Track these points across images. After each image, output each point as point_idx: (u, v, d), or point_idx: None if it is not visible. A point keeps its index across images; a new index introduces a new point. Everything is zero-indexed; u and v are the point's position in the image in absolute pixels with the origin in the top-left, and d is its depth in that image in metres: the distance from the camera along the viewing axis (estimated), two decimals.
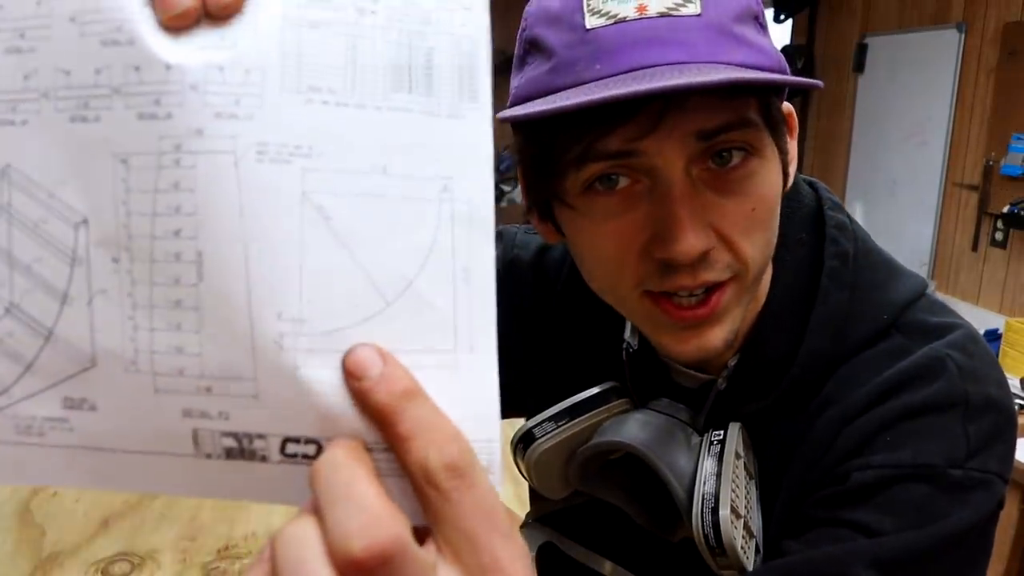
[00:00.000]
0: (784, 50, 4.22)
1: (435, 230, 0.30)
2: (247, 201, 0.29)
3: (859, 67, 3.75)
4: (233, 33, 0.29)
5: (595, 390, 0.61)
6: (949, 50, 3.19)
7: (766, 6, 4.44)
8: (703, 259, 0.48)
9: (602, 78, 0.46)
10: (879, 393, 0.53)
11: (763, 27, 0.51)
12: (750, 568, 0.53)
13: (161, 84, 0.29)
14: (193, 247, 0.29)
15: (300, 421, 0.30)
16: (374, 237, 0.30)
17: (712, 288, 0.50)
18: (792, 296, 0.57)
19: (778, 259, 0.56)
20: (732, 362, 0.57)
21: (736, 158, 0.49)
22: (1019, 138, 2.83)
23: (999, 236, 2.95)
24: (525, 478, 0.63)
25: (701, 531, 0.52)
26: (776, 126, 0.51)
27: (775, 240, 0.53)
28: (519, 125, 0.53)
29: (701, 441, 0.56)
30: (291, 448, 0.31)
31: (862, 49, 3.72)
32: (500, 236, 0.72)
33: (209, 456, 0.31)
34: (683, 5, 0.47)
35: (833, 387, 0.56)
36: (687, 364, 0.59)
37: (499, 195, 4.78)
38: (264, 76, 0.29)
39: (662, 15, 0.46)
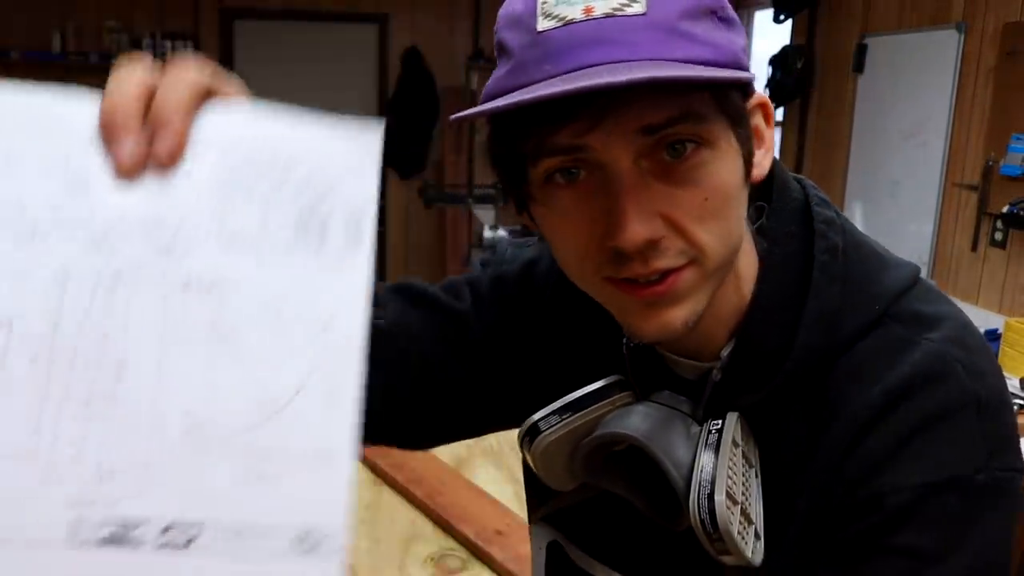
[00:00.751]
0: (784, 50, 4.23)
1: (314, 358, 0.38)
2: (170, 322, 0.37)
3: (859, 67, 3.75)
4: (174, 185, 0.37)
5: (598, 384, 0.62)
6: (949, 50, 3.19)
7: (766, 6, 4.44)
8: (653, 247, 0.51)
9: (549, 78, 0.49)
10: (890, 399, 0.54)
11: (724, 20, 0.52)
12: (748, 554, 0.54)
13: (109, 222, 0.37)
14: (114, 355, 0.36)
15: (187, 505, 0.37)
16: (267, 360, 0.38)
17: (668, 272, 0.52)
18: (783, 289, 0.58)
19: (767, 253, 0.59)
20: (726, 351, 0.59)
21: (688, 149, 0.50)
22: (1019, 138, 2.83)
23: (999, 236, 2.95)
24: (534, 470, 0.64)
25: (698, 517, 0.53)
26: (735, 117, 0.53)
27: (738, 229, 0.55)
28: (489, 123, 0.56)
29: (700, 431, 0.58)
30: (168, 535, 0.37)
31: (862, 49, 3.72)
32: (493, 252, 0.76)
33: (84, 543, 0.36)
34: (628, 5, 0.49)
35: (838, 383, 0.57)
36: (683, 354, 0.61)
37: (499, 195, 4.78)
38: (197, 224, 0.37)
39: (607, 16, 0.49)
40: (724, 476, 0.54)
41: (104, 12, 5.40)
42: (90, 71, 5.43)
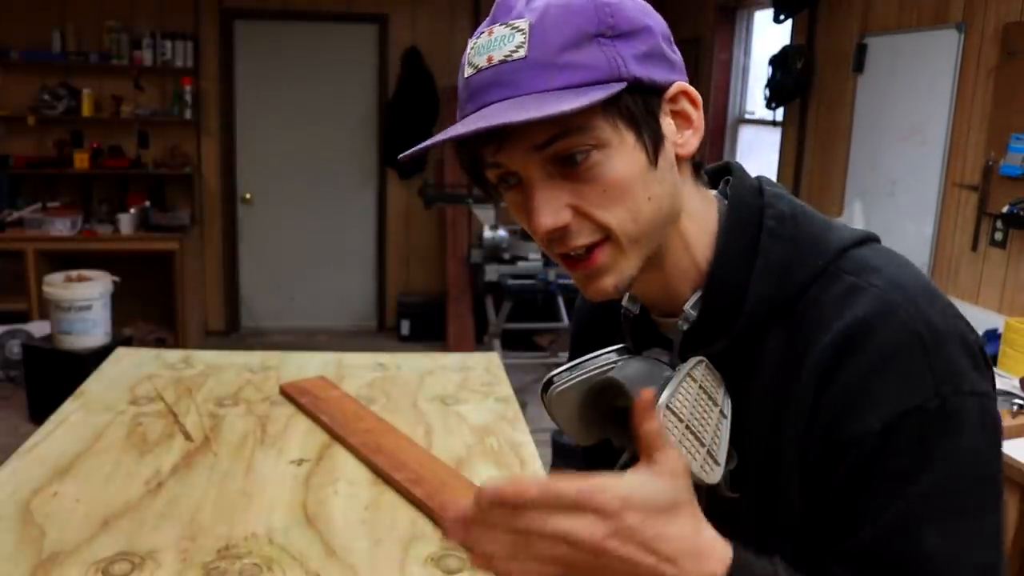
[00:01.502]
0: (784, 50, 4.22)
1: None
2: None
3: (859, 67, 3.75)
4: None
5: (606, 349, 0.78)
6: (949, 50, 3.18)
7: (766, 6, 4.43)
8: (566, 231, 0.66)
9: (467, 115, 0.66)
10: (844, 346, 0.64)
11: (612, 37, 0.65)
12: (696, 468, 0.65)
13: None
14: None
15: None
16: None
17: (591, 248, 0.67)
18: (737, 250, 0.71)
19: (725, 220, 0.72)
20: (688, 305, 0.72)
21: (580, 157, 0.64)
22: (1019, 138, 2.83)
23: (999, 236, 2.95)
24: (552, 419, 0.78)
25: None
26: (631, 117, 0.65)
27: (655, 203, 0.67)
28: None
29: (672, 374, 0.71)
30: None
31: (862, 49, 3.72)
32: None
33: None
34: (514, 52, 0.64)
35: (801, 327, 0.68)
36: (664, 315, 0.76)
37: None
38: None
39: (502, 62, 0.64)
40: (668, 394, 0.66)
41: (104, 12, 5.40)
42: (90, 71, 5.43)
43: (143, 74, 5.46)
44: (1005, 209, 2.85)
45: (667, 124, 0.68)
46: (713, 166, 0.80)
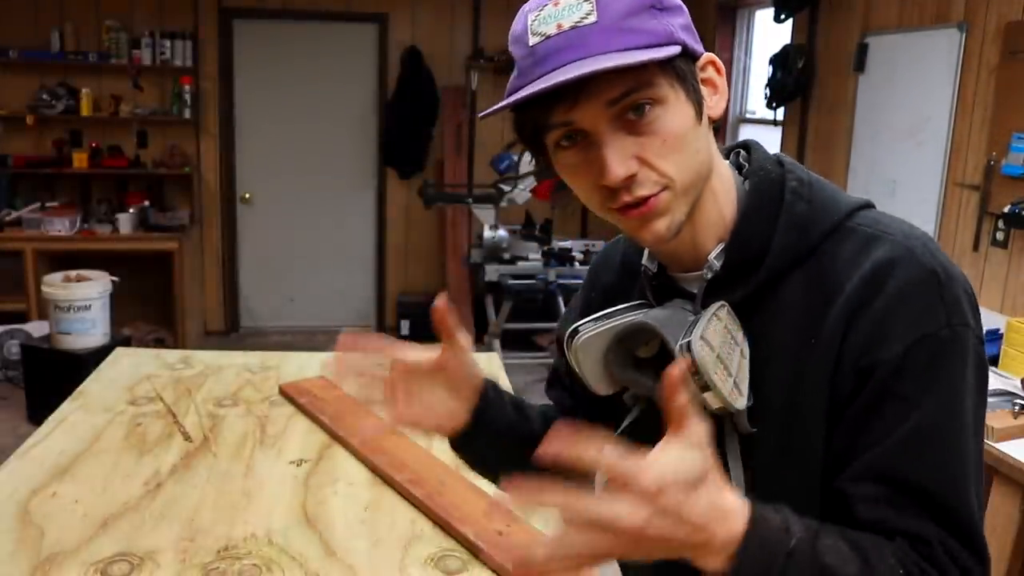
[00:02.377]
0: (784, 49, 4.22)
1: None
2: None
3: (859, 67, 3.74)
4: None
5: (626, 304, 0.85)
6: (950, 50, 3.18)
7: (766, 6, 4.43)
8: (633, 180, 0.73)
9: (540, 77, 0.72)
10: (869, 283, 0.73)
11: (661, 9, 0.73)
12: (725, 393, 0.72)
13: None
14: None
15: None
16: None
17: (648, 197, 0.74)
18: (762, 207, 0.79)
19: (750, 180, 0.81)
20: (712, 255, 0.79)
21: (645, 109, 0.72)
22: (1020, 137, 2.83)
23: (1000, 236, 2.95)
24: (574, 367, 0.84)
25: (681, 353, 0.72)
26: (680, 77, 0.73)
27: (698, 157, 0.75)
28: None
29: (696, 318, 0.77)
30: None
31: (862, 48, 3.71)
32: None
33: None
34: (585, 18, 0.71)
35: (826, 273, 0.76)
36: (687, 270, 0.83)
37: (499, 195, 4.77)
38: None
39: (573, 27, 0.71)
40: (700, 330, 0.73)
41: (103, 11, 5.39)
42: (89, 71, 5.42)
43: (142, 73, 5.45)
44: (1006, 209, 2.85)
45: (703, 84, 0.77)
46: (729, 145, 0.88)
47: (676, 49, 0.72)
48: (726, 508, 0.62)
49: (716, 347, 0.73)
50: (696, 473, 0.60)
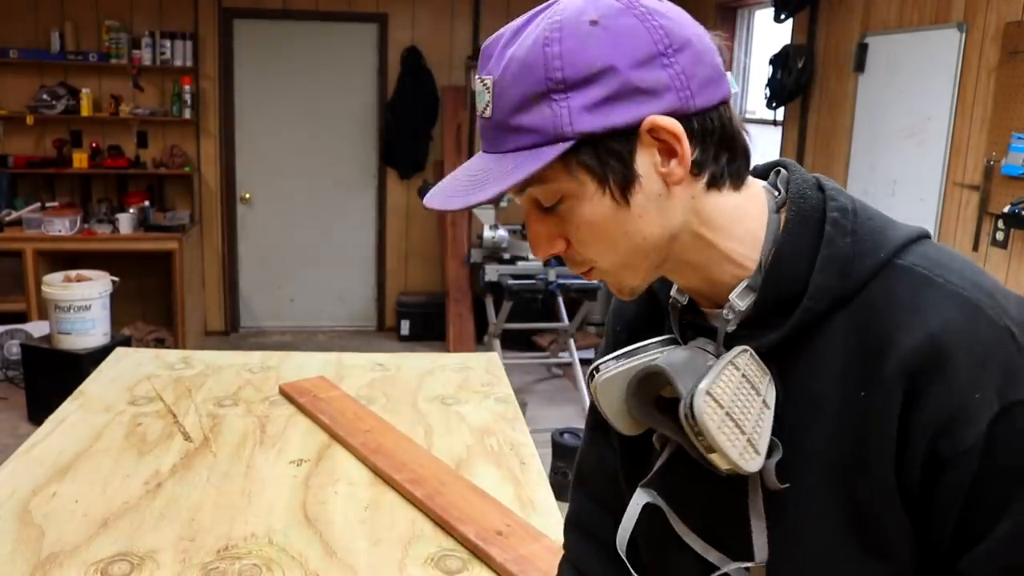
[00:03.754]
0: (784, 49, 4.22)
1: None
2: None
3: (859, 66, 3.74)
4: None
5: (652, 340, 0.78)
6: (950, 49, 3.18)
7: (766, 5, 4.42)
8: (565, 255, 0.72)
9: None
10: (937, 347, 0.63)
11: (565, 90, 0.65)
12: (734, 455, 0.66)
13: None
14: None
15: None
16: None
17: (585, 272, 0.73)
18: (800, 243, 0.70)
19: (787, 212, 0.72)
20: (733, 295, 0.71)
21: (551, 203, 0.69)
22: (1020, 137, 2.83)
23: (1000, 236, 2.95)
24: (597, 406, 0.80)
25: (682, 412, 0.67)
26: (589, 167, 0.67)
27: (631, 240, 0.69)
28: None
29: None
30: None
31: (862, 48, 3.71)
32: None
33: None
34: (485, 109, 0.69)
35: (871, 321, 0.67)
36: (708, 305, 0.76)
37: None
38: None
39: (482, 115, 0.70)
40: (709, 381, 0.66)
41: (103, 12, 5.40)
42: (89, 71, 5.42)
43: (142, 74, 5.45)
44: (1006, 209, 2.85)
45: (648, 157, 0.67)
46: (764, 164, 0.80)
47: (557, 149, 0.65)
48: None
49: (726, 403, 0.66)
50: None
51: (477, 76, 0.70)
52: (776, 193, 0.74)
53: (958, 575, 0.65)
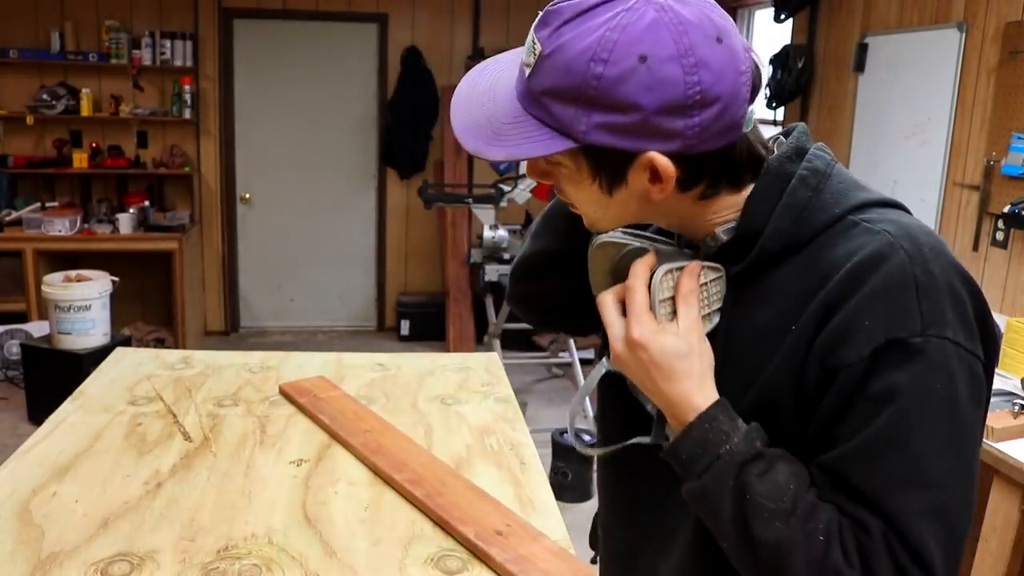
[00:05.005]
0: (785, 49, 4.22)
1: None
2: None
3: (859, 66, 3.74)
4: None
5: (658, 237, 0.87)
6: (950, 49, 3.18)
7: (766, 5, 4.43)
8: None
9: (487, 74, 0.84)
10: (849, 281, 0.73)
11: (584, 103, 0.72)
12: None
13: None
14: None
15: None
16: None
17: None
18: (768, 193, 0.80)
19: (770, 169, 0.81)
20: (720, 229, 0.81)
21: (547, 169, 0.82)
22: (1020, 137, 2.83)
23: (1000, 236, 2.95)
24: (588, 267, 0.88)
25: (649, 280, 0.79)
26: (597, 167, 0.77)
27: (609, 215, 0.81)
28: None
29: None
30: None
31: (862, 48, 3.71)
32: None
33: None
34: (527, 67, 0.75)
35: (817, 262, 0.76)
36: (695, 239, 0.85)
37: (499, 195, 4.77)
38: None
39: (524, 64, 0.77)
40: (673, 267, 0.79)
41: (103, 12, 5.40)
42: (89, 71, 5.42)
43: (142, 74, 5.45)
44: (1006, 209, 2.85)
45: (639, 173, 0.76)
46: (784, 129, 0.89)
47: (565, 144, 0.74)
48: (690, 393, 0.75)
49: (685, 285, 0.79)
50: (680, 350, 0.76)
51: (533, 32, 0.75)
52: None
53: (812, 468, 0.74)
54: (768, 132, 0.89)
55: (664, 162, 0.74)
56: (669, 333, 0.77)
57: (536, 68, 0.74)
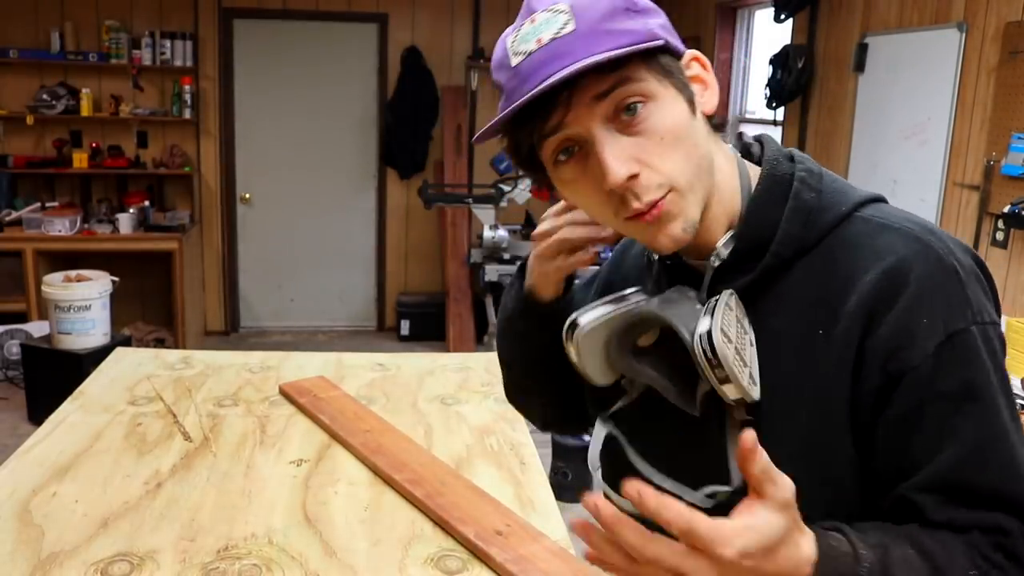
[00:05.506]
0: (784, 49, 4.22)
1: None
2: None
3: (859, 66, 3.74)
4: None
5: (625, 291, 0.83)
6: (950, 49, 3.18)
7: (766, 5, 4.42)
8: (637, 183, 0.72)
9: (526, 93, 0.71)
10: (891, 282, 0.72)
11: (636, 11, 0.74)
12: (745, 383, 0.71)
13: None
14: None
15: None
16: None
17: (656, 202, 0.73)
18: (772, 196, 0.79)
19: (762, 171, 0.80)
20: (721, 243, 0.79)
21: (638, 108, 0.72)
22: (1020, 137, 2.83)
23: (1000, 236, 2.95)
24: (574, 360, 0.82)
25: (700, 349, 0.71)
26: (667, 72, 0.74)
27: (698, 151, 0.74)
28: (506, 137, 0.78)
29: (703, 306, 0.76)
30: None
31: (862, 48, 3.71)
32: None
33: None
34: (563, 28, 0.71)
35: (836, 261, 0.75)
36: (699, 258, 0.82)
37: (499, 195, 4.77)
38: None
39: (552, 40, 0.71)
40: (719, 320, 0.71)
41: (103, 12, 5.40)
42: (89, 71, 5.42)
43: (142, 74, 5.45)
44: (1006, 209, 2.85)
45: (691, 73, 0.77)
46: (745, 140, 0.88)
47: (657, 42, 0.72)
48: (800, 558, 0.62)
49: (733, 338, 0.72)
50: (777, 535, 0.60)
51: (533, 13, 0.74)
52: (747, 160, 0.83)
53: (908, 495, 0.71)
54: (749, 132, 0.89)
55: (702, 55, 0.78)
56: (753, 523, 0.61)
57: (577, 17, 0.71)
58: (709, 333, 0.70)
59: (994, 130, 2.96)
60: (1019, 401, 2.25)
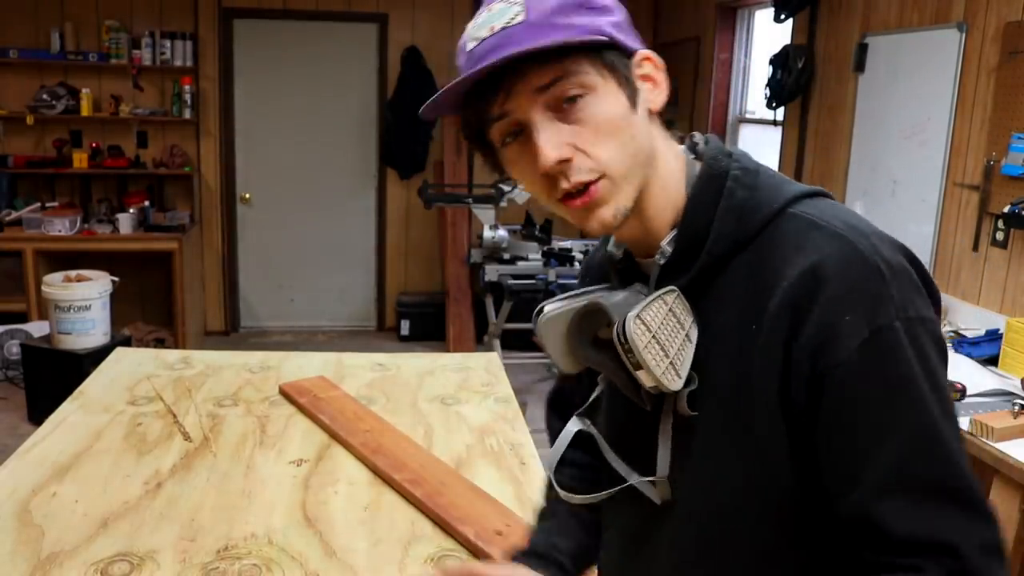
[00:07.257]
0: (784, 49, 4.22)
1: None
2: None
3: (859, 67, 3.74)
4: None
5: (592, 287, 0.89)
6: (950, 50, 3.18)
7: (766, 6, 4.42)
8: (569, 166, 0.76)
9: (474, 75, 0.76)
10: (815, 280, 0.72)
11: (591, 8, 0.78)
12: (658, 373, 0.75)
13: None
14: None
15: None
16: None
17: (588, 185, 0.77)
18: (707, 196, 0.81)
19: (701, 171, 0.82)
20: (664, 242, 0.81)
21: (576, 98, 0.76)
22: (1020, 138, 2.83)
23: (1000, 236, 2.95)
24: (542, 346, 0.86)
25: (616, 333, 0.76)
26: (614, 68, 0.77)
27: (635, 143, 0.78)
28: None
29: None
30: None
31: (862, 49, 3.71)
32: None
33: None
34: (514, 18, 0.76)
35: (764, 260, 0.76)
36: (647, 256, 0.84)
37: (499, 195, 4.77)
38: None
39: (503, 28, 0.77)
40: (639, 309, 0.75)
41: (103, 12, 5.39)
42: (89, 71, 5.42)
43: (142, 74, 5.45)
44: (1006, 209, 2.85)
45: (639, 83, 0.80)
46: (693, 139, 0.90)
47: (602, 39, 0.76)
48: None
49: (654, 328, 0.75)
50: None
51: (492, 3, 0.80)
52: (693, 156, 0.85)
53: (856, 519, 0.70)
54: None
55: (654, 55, 0.81)
56: None
57: (528, 8, 0.76)
58: (625, 319, 0.75)
59: (994, 130, 2.96)
60: (1019, 401, 2.25)
